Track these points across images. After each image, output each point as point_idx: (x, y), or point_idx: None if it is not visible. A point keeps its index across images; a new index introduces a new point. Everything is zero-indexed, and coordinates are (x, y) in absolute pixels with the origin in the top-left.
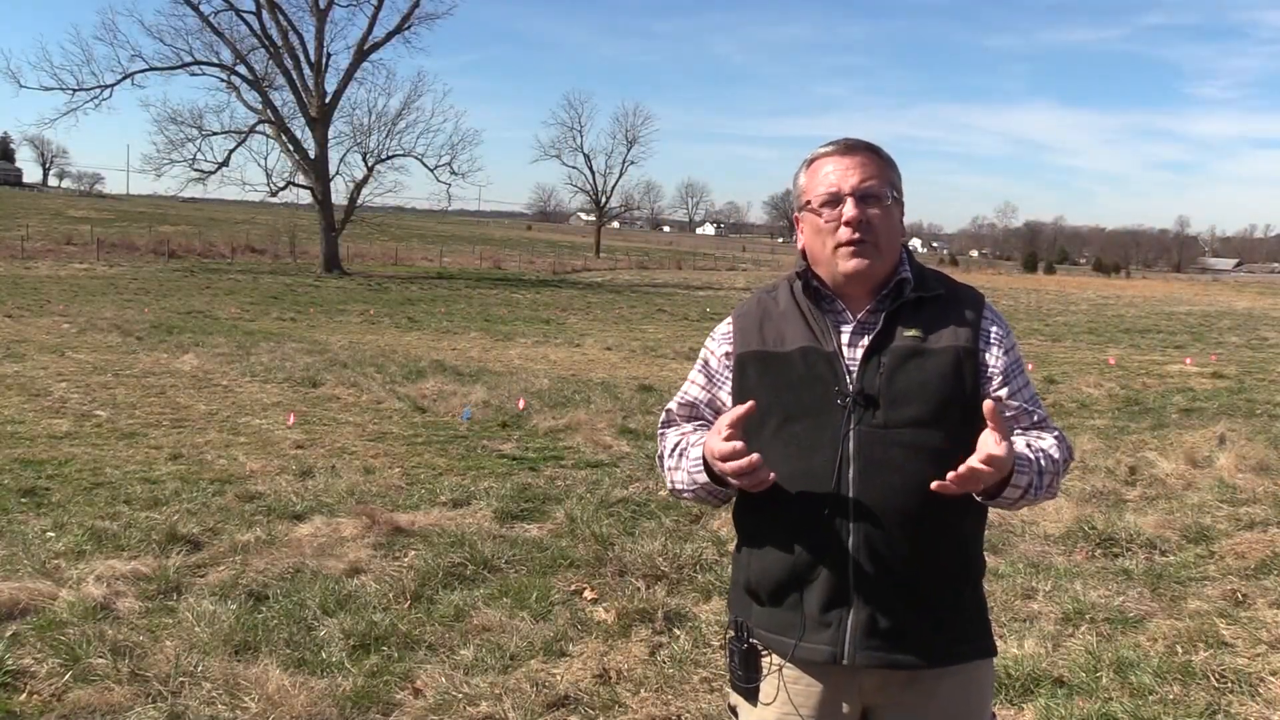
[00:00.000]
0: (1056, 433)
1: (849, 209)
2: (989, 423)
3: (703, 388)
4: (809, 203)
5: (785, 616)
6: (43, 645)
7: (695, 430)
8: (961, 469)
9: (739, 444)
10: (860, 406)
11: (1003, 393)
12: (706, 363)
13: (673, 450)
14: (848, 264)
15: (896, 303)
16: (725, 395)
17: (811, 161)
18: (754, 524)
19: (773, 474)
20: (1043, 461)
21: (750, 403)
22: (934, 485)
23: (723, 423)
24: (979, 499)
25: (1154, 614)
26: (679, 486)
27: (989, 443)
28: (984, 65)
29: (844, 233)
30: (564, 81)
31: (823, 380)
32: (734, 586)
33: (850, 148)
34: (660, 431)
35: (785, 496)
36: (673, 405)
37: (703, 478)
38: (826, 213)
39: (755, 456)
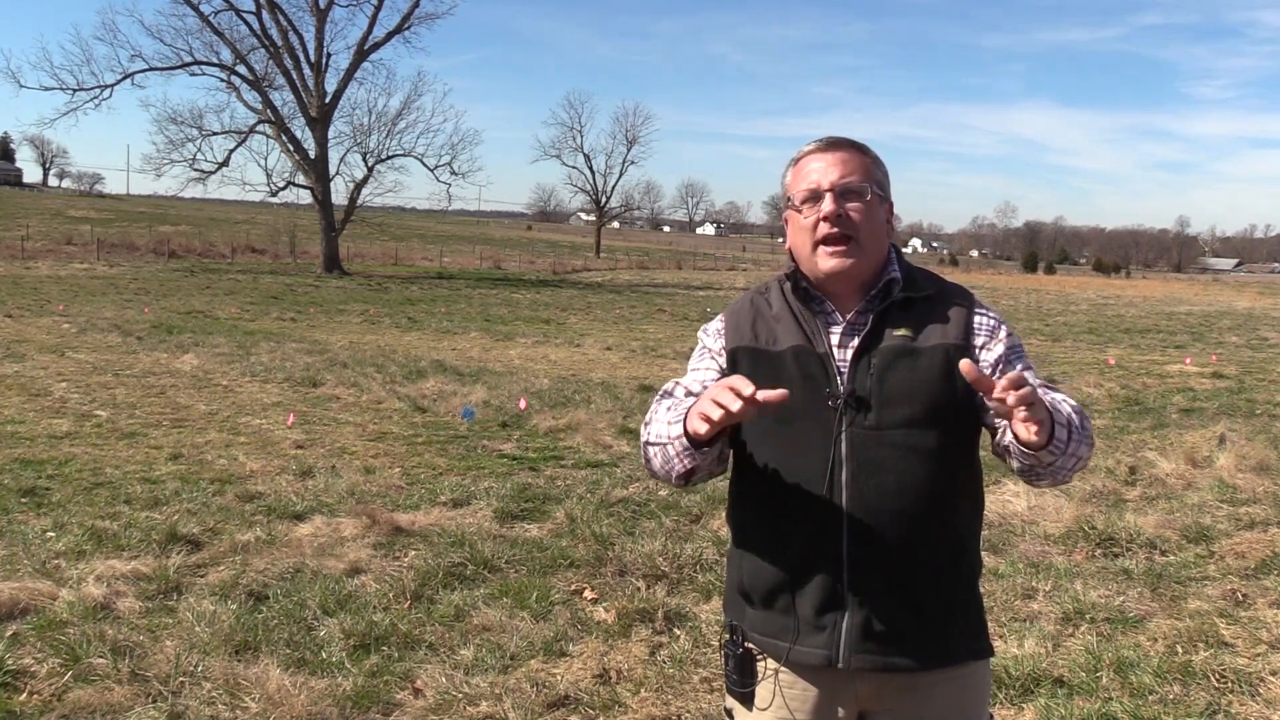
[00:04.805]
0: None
1: (827, 204)
2: (969, 377)
3: (720, 370)
4: (791, 200)
5: (778, 620)
6: (43, 645)
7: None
8: (1018, 404)
9: (752, 388)
10: (852, 408)
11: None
12: (708, 348)
13: (661, 405)
14: (828, 263)
15: (885, 303)
16: None
17: (797, 160)
18: (747, 524)
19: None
20: (1065, 408)
21: (784, 390)
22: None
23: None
24: (1041, 450)
25: (1154, 614)
26: (650, 438)
27: (999, 383)
28: (981, 65)
29: (823, 228)
30: (564, 81)
31: (814, 381)
32: (728, 588)
33: (832, 145)
34: (657, 399)
35: (777, 499)
36: (682, 381)
37: (678, 430)
38: (807, 209)
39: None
